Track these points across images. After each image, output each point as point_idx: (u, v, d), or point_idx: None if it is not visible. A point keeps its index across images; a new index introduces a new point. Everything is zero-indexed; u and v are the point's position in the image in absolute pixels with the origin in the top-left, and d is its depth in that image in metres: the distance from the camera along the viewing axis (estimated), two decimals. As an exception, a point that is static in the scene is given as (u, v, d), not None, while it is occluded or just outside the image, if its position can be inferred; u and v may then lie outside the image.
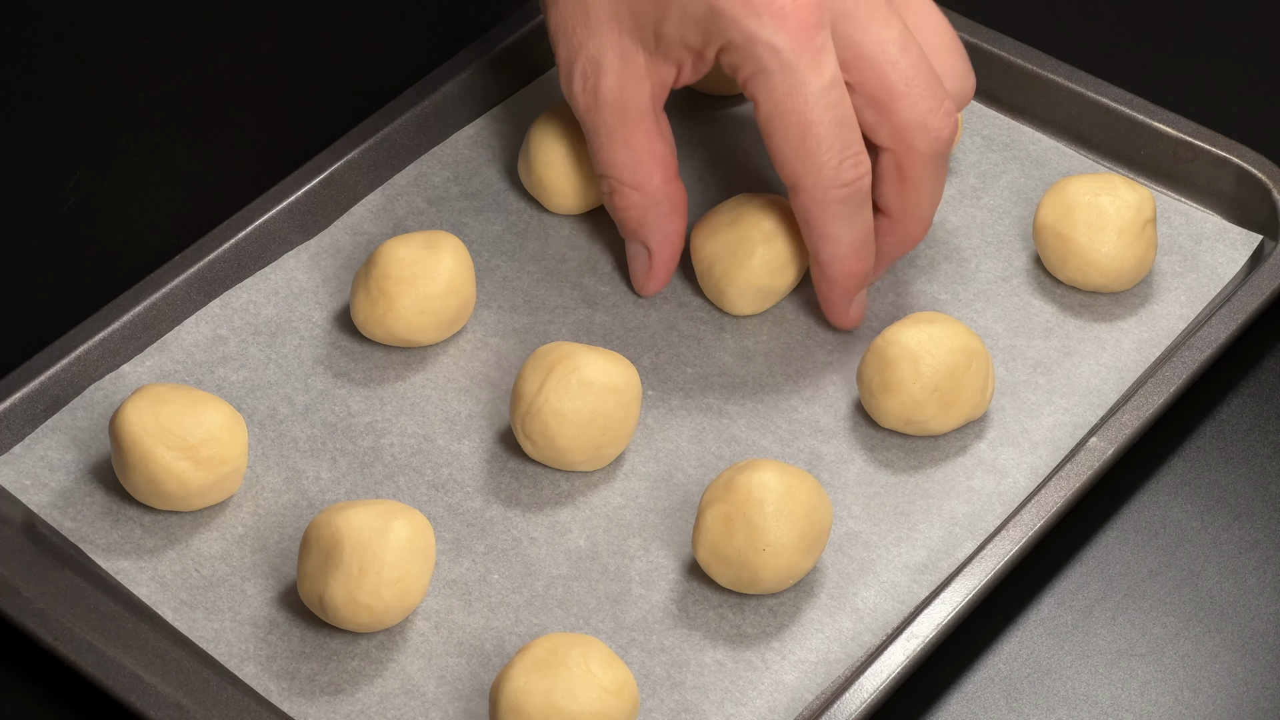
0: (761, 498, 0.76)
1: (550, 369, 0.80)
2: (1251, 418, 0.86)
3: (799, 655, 0.77)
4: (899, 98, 0.81)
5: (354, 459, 0.84)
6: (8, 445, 0.83)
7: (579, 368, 0.80)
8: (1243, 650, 0.78)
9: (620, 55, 0.83)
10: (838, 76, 0.80)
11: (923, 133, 0.81)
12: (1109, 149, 0.95)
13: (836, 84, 0.80)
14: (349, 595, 0.75)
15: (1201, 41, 1.03)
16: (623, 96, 0.83)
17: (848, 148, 0.80)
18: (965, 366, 0.82)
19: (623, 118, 0.84)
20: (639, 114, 0.84)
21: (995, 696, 0.77)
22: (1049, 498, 0.79)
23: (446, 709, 0.76)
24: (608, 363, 0.81)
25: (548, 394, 0.80)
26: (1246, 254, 0.91)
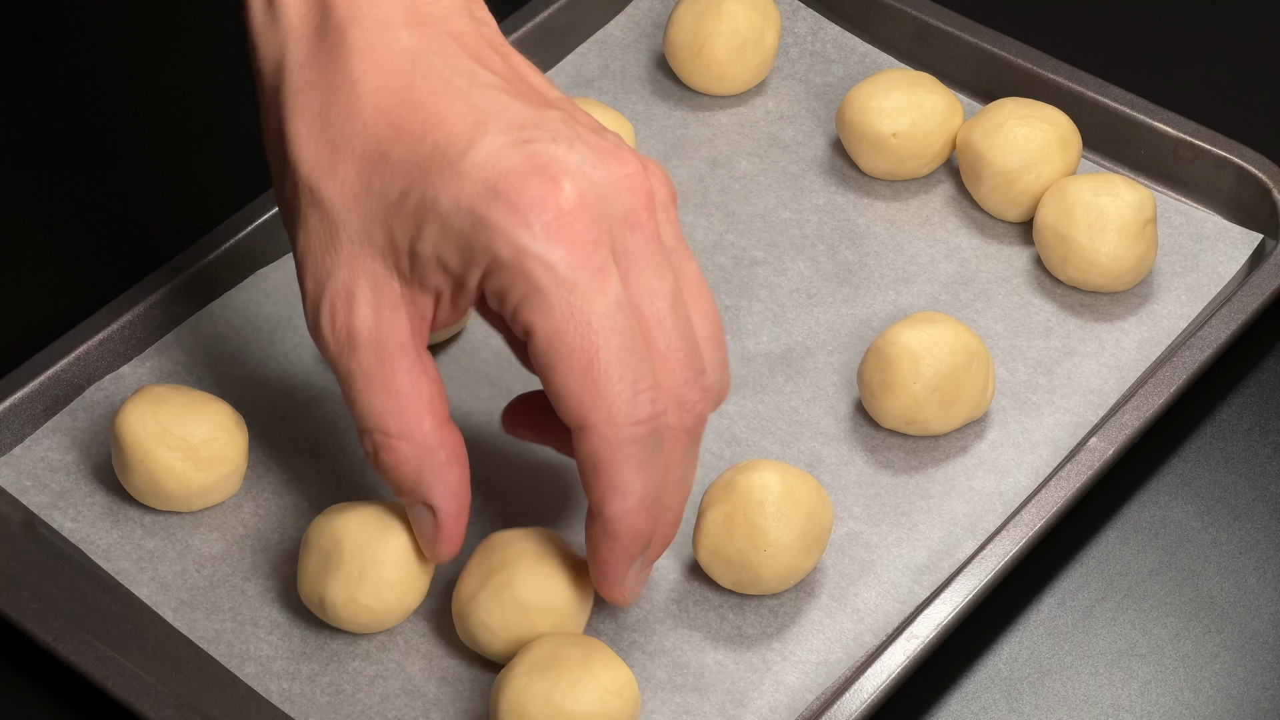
0: (762, 498, 0.77)
1: (486, 578, 0.75)
2: (1251, 418, 0.86)
3: (800, 656, 0.77)
4: (657, 359, 0.69)
5: (355, 459, 0.84)
6: (8, 446, 0.83)
7: (512, 583, 0.75)
8: (1243, 650, 0.78)
9: (373, 283, 0.70)
10: (623, 299, 0.68)
11: (677, 405, 0.70)
12: (1109, 149, 0.95)
13: (623, 306, 0.68)
14: (349, 596, 0.75)
15: (1201, 41, 1.03)
16: (378, 332, 0.70)
17: (641, 379, 0.68)
18: (966, 366, 0.82)
19: (380, 357, 0.70)
20: (398, 350, 0.71)
21: (995, 696, 0.77)
22: (1049, 498, 0.79)
23: (447, 709, 0.76)
24: (546, 578, 0.75)
25: (477, 606, 0.75)
26: (1247, 254, 0.91)
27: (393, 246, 0.70)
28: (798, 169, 0.95)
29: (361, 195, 0.70)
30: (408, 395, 0.71)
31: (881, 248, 0.92)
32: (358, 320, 0.70)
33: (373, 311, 0.70)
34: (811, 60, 1.00)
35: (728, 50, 0.96)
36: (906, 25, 0.99)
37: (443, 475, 0.72)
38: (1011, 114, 0.91)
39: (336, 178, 0.70)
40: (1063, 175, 0.91)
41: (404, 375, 0.71)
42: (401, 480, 0.73)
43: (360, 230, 0.70)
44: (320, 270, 0.71)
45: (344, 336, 0.71)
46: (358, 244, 0.70)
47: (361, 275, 0.70)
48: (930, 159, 0.93)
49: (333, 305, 0.71)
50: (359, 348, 0.71)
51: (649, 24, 1.02)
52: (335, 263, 0.71)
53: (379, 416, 0.71)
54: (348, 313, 0.70)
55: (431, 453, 0.72)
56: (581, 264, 0.67)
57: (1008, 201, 0.91)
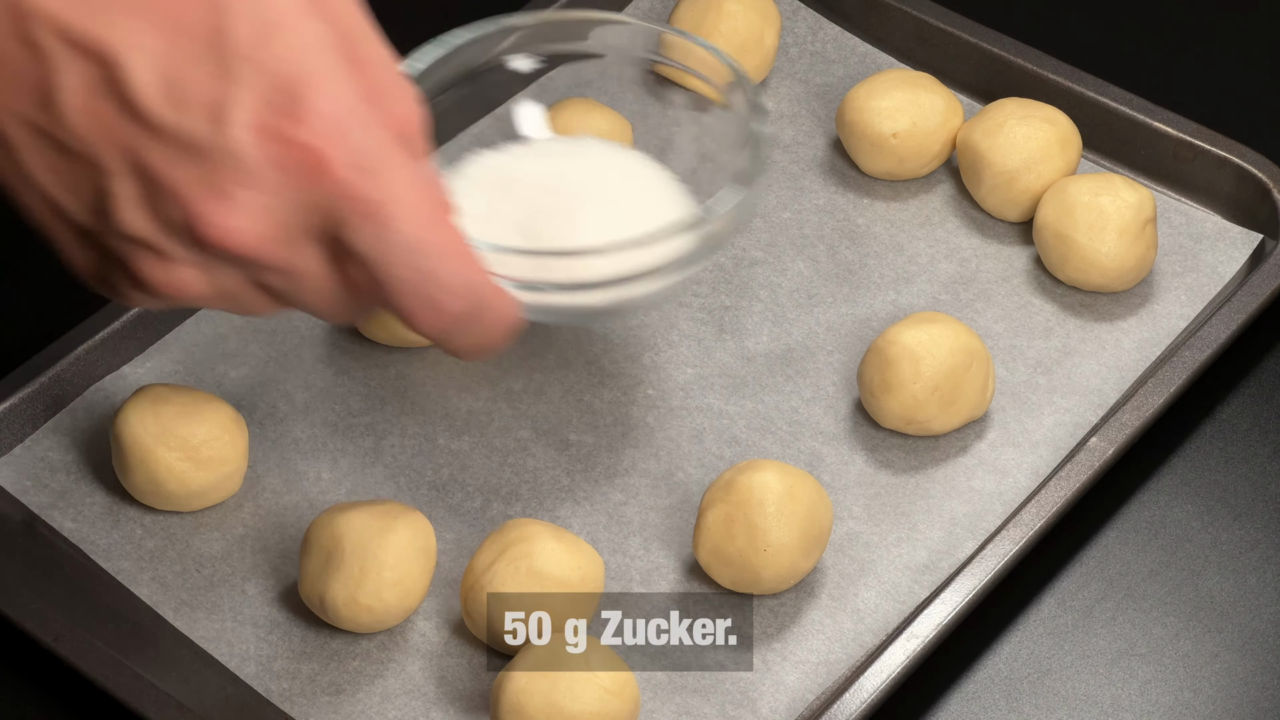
0: (762, 498, 0.77)
1: (503, 550, 0.76)
2: (1251, 418, 0.86)
3: (800, 656, 0.77)
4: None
5: (354, 459, 0.84)
6: (8, 446, 0.83)
7: (530, 554, 0.76)
8: (1243, 650, 0.78)
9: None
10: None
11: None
12: (1109, 149, 0.95)
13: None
14: (350, 596, 0.75)
15: (1201, 41, 1.03)
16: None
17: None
18: (966, 366, 0.82)
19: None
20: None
21: (995, 696, 0.77)
22: (1049, 498, 0.79)
23: (447, 709, 0.76)
24: (564, 553, 0.76)
25: (493, 576, 0.76)
26: (1247, 253, 0.91)
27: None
28: (798, 169, 0.95)
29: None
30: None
31: (881, 248, 0.92)
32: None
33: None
34: (811, 60, 1.00)
35: (727, 50, 0.96)
36: (906, 25, 0.99)
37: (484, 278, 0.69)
38: (1011, 114, 0.91)
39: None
40: (1063, 175, 0.91)
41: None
42: (497, 330, 0.69)
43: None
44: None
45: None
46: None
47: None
48: (930, 159, 0.93)
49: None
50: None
51: (649, 24, 1.01)
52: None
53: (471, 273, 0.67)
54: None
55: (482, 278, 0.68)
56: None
57: (1008, 201, 0.91)
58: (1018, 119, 0.91)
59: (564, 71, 1.00)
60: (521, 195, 0.82)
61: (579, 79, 0.99)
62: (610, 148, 0.87)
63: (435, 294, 0.66)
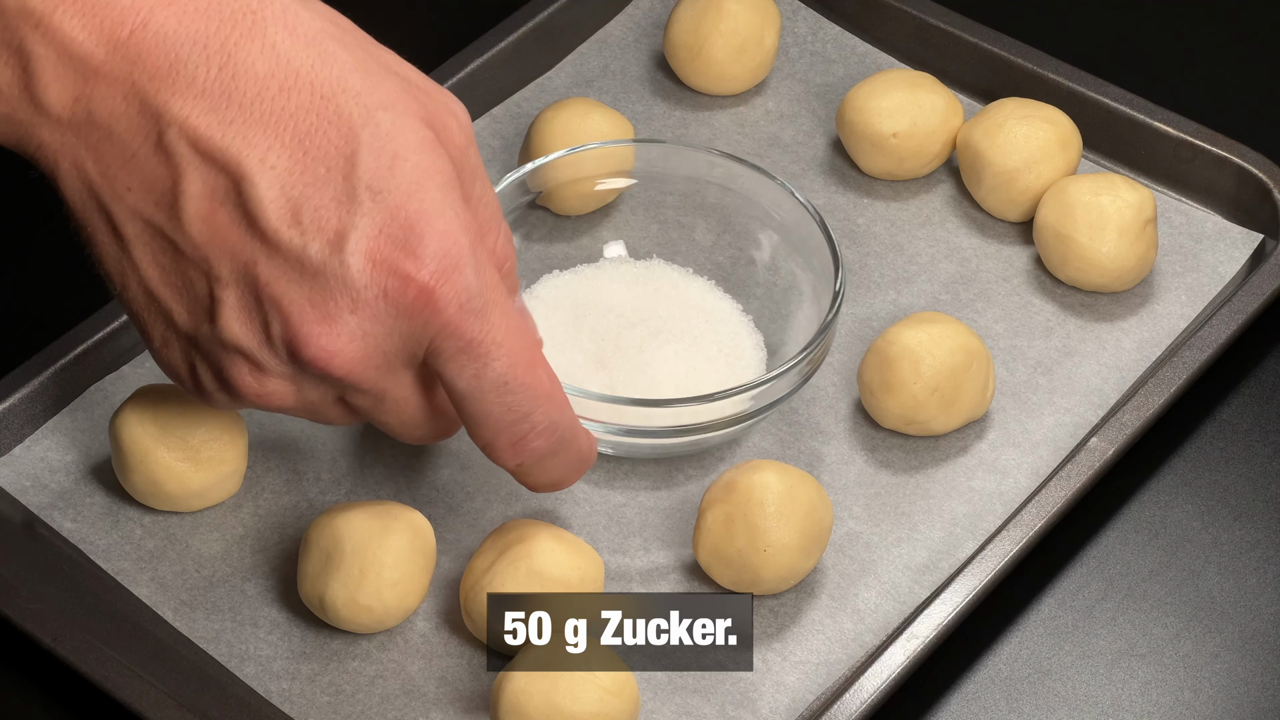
0: (762, 498, 0.76)
1: (503, 550, 0.76)
2: (1252, 418, 0.86)
3: (800, 656, 0.77)
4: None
5: (354, 459, 0.84)
6: (8, 446, 0.83)
7: (530, 554, 0.76)
8: (1243, 650, 0.78)
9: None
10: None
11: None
12: (1109, 149, 0.95)
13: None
14: (349, 596, 0.75)
15: (1201, 41, 1.03)
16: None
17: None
18: (966, 366, 0.82)
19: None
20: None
21: (995, 697, 0.77)
22: (1050, 498, 0.79)
23: (447, 709, 0.76)
24: (563, 554, 0.76)
25: (493, 576, 0.76)
26: (1247, 253, 0.91)
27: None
28: (798, 169, 0.95)
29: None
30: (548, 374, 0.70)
31: (881, 248, 0.92)
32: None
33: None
34: (811, 60, 1.00)
35: (728, 50, 0.96)
36: (906, 25, 0.99)
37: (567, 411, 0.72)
38: (1011, 114, 0.91)
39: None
40: (1063, 175, 0.91)
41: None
42: (580, 458, 0.73)
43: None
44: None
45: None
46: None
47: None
48: (930, 159, 0.93)
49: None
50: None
51: (649, 24, 1.02)
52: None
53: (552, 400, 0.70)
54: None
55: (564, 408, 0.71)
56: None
57: (1008, 201, 0.91)
58: (1018, 119, 0.91)
59: (564, 71, 1.00)
60: (595, 323, 0.85)
61: (580, 78, 0.99)
62: (679, 273, 0.88)
63: (524, 433, 0.69)
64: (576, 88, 0.99)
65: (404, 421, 0.70)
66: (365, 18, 1.06)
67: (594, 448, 0.74)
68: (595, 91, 0.99)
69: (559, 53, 1.00)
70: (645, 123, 0.97)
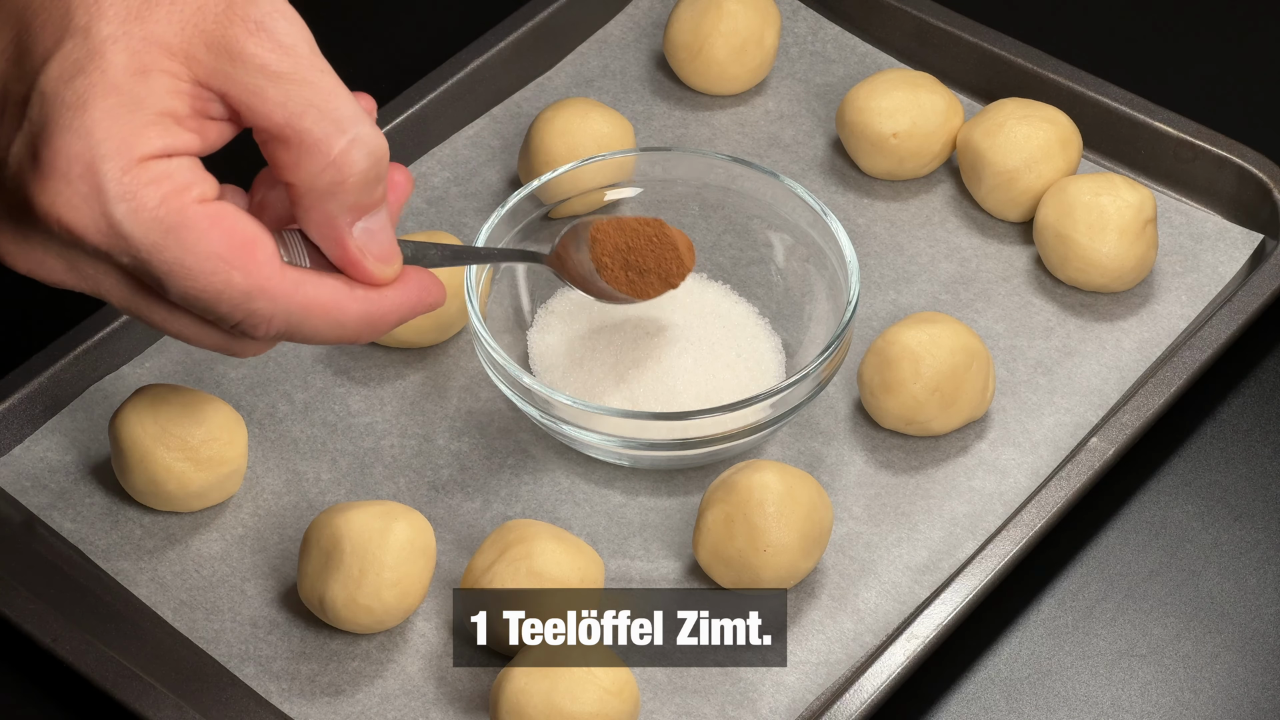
0: (762, 498, 0.76)
1: (503, 550, 0.76)
2: (1252, 418, 0.86)
3: (800, 656, 0.77)
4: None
5: (354, 459, 0.84)
6: (7, 446, 0.83)
7: (530, 555, 0.76)
8: (1243, 651, 0.78)
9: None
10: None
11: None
12: (1109, 149, 0.95)
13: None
14: (349, 596, 0.75)
15: (1201, 41, 1.03)
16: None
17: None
18: (966, 366, 0.82)
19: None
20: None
21: (995, 697, 0.77)
22: (1050, 498, 0.79)
23: (447, 709, 0.76)
24: (563, 554, 0.76)
25: (493, 577, 0.76)
26: (1247, 253, 0.91)
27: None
28: (798, 169, 0.95)
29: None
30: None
31: (881, 248, 0.92)
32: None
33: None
34: (811, 60, 1.00)
35: (728, 50, 0.96)
36: (906, 25, 0.99)
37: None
38: (1012, 114, 0.91)
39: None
40: (1063, 175, 0.91)
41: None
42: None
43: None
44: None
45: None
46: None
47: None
48: (930, 159, 0.93)
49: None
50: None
51: (649, 24, 1.02)
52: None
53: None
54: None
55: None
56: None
57: (1008, 201, 0.91)
58: (1018, 119, 0.91)
59: (565, 70, 1.00)
60: (611, 336, 0.85)
61: (580, 78, 0.99)
62: (694, 279, 0.88)
63: (252, 331, 0.67)
64: (576, 88, 0.99)
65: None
66: (365, 18, 1.06)
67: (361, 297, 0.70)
68: (595, 91, 0.99)
69: (559, 53, 1.00)
70: (645, 123, 0.97)
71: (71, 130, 0.63)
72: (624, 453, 0.81)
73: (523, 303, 0.87)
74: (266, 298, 0.66)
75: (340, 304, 0.68)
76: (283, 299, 0.67)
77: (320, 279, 0.68)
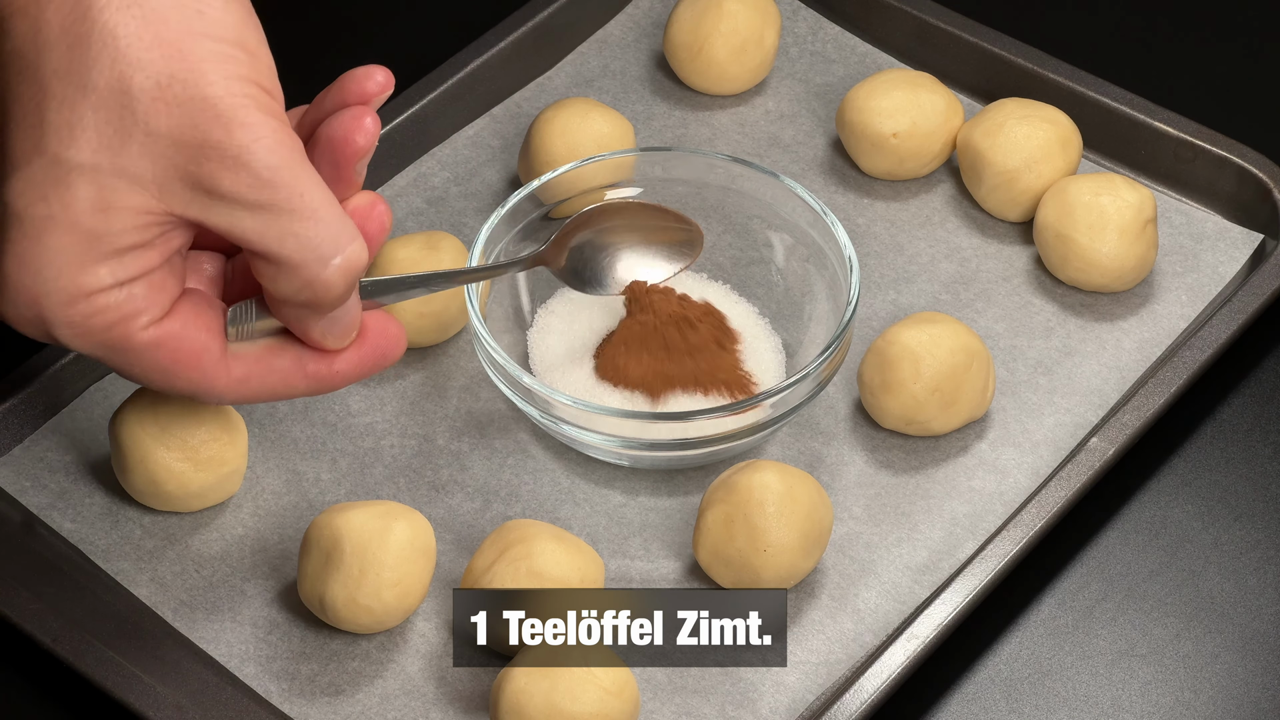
0: (762, 498, 0.76)
1: (503, 550, 0.76)
2: (1252, 418, 0.86)
3: (800, 656, 0.77)
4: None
5: (354, 459, 0.84)
6: (7, 446, 0.83)
7: (530, 555, 0.76)
8: (1243, 651, 0.78)
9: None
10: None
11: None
12: (1109, 149, 0.95)
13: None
14: (349, 596, 0.75)
15: (1201, 41, 1.03)
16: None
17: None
18: (966, 366, 0.82)
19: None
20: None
21: (995, 697, 0.77)
22: (1050, 498, 0.79)
23: (447, 709, 0.76)
24: (563, 554, 0.76)
25: (493, 577, 0.76)
26: (1247, 253, 0.91)
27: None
28: (798, 169, 0.95)
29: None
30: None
31: (881, 248, 0.92)
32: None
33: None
34: (811, 60, 1.00)
35: (728, 50, 0.96)
36: (906, 25, 0.99)
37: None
38: (1012, 114, 0.91)
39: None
40: (1063, 175, 0.91)
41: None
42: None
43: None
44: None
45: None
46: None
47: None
48: (930, 159, 0.93)
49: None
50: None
51: (649, 24, 1.02)
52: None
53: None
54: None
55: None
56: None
57: (1008, 201, 0.91)
58: (1018, 119, 0.91)
59: (565, 70, 1.00)
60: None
61: (580, 78, 0.99)
62: (693, 279, 0.89)
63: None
64: (576, 88, 0.99)
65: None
66: (366, 18, 1.06)
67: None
68: (595, 91, 0.99)
69: (559, 53, 1.00)
70: (645, 123, 0.97)
71: (21, 260, 0.65)
72: (624, 453, 0.81)
73: (523, 303, 0.87)
74: (213, 394, 0.70)
75: (289, 384, 0.72)
76: (229, 393, 0.70)
77: (268, 369, 0.71)
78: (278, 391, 0.71)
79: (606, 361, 0.84)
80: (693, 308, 0.85)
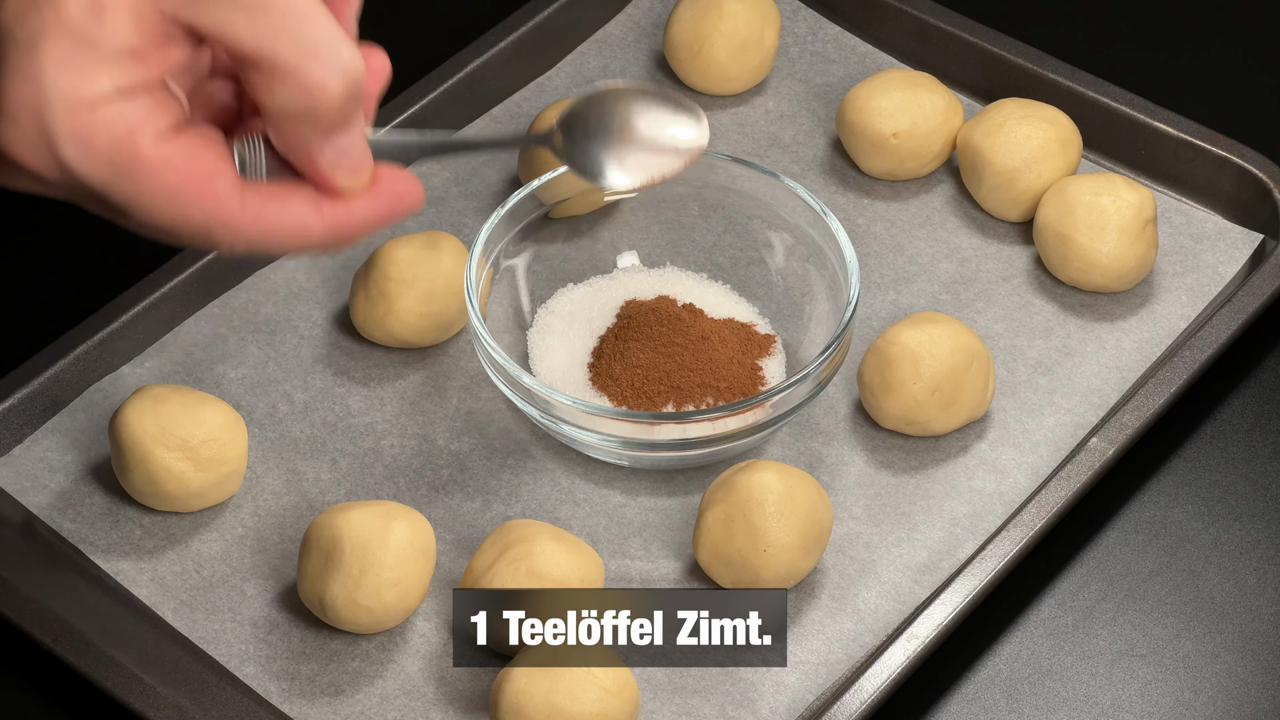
0: (762, 498, 0.76)
1: (503, 551, 0.76)
2: (1251, 418, 0.86)
3: (800, 656, 0.77)
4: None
5: (354, 459, 0.84)
6: (7, 446, 0.83)
7: (530, 554, 0.76)
8: (1243, 651, 0.78)
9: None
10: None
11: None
12: (1109, 149, 0.95)
13: None
14: (349, 596, 0.75)
15: (1201, 41, 1.03)
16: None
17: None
18: (966, 366, 0.82)
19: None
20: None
21: (995, 697, 0.77)
22: (1050, 498, 0.79)
23: (447, 709, 0.76)
24: (563, 554, 0.76)
25: (493, 577, 0.76)
26: (1247, 253, 0.91)
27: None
28: (798, 169, 0.95)
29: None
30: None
31: (881, 248, 0.92)
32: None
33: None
34: (811, 60, 1.00)
35: (728, 50, 0.96)
36: (906, 25, 0.99)
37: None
38: (1012, 114, 0.91)
39: None
40: (1063, 175, 0.91)
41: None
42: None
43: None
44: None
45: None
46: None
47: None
48: (930, 159, 0.93)
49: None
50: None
51: (649, 24, 1.02)
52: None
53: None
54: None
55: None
56: None
57: (1008, 201, 0.91)
58: (1018, 119, 0.91)
59: (565, 70, 1.00)
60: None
61: (580, 78, 0.99)
62: (694, 279, 0.88)
63: (218, 248, 0.67)
64: (576, 88, 0.99)
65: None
66: (366, 17, 1.06)
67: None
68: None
69: (559, 53, 1.00)
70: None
71: (20, 73, 0.62)
72: (624, 453, 0.81)
73: (523, 303, 0.87)
74: (226, 229, 0.65)
75: (305, 225, 0.67)
76: (243, 228, 0.66)
77: (283, 202, 0.66)
78: (294, 235, 0.67)
79: (606, 361, 0.84)
80: (690, 309, 0.85)
